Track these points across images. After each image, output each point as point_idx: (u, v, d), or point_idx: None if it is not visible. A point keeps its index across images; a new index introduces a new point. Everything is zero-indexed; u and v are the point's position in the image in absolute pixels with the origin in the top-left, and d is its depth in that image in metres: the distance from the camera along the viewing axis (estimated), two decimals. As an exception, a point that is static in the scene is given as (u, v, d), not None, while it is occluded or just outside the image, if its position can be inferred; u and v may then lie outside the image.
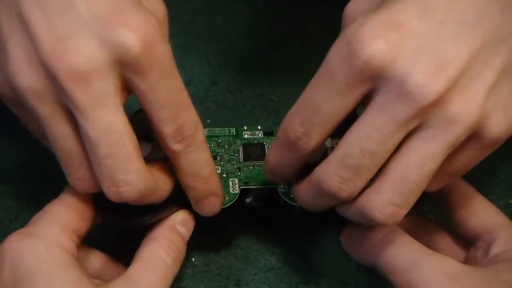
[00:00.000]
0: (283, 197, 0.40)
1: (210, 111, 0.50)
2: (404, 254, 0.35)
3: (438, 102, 0.31)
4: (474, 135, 0.32)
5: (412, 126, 0.32)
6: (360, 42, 0.31)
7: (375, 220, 0.33)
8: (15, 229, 0.35)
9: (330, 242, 0.44)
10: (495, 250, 0.36)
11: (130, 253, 0.37)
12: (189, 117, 0.35)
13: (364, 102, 0.33)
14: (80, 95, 0.32)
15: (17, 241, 0.34)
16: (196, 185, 0.37)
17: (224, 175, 0.41)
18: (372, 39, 0.31)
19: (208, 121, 0.49)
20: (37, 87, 0.33)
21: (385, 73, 0.31)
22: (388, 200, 0.33)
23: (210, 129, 0.44)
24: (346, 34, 0.32)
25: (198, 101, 0.50)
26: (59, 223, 0.36)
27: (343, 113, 0.33)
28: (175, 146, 0.35)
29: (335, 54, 0.33)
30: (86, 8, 0.32)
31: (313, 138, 0.34)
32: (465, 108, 0.31)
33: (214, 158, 0.42)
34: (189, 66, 0.53)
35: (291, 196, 0.40)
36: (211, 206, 0.38)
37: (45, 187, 0.45)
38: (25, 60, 0.33)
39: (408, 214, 0.39)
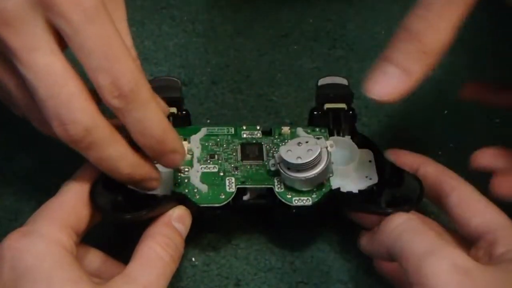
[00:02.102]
0: (279, 197, 0.40)
1: (210, 111, 0.50)
2: (420, 241, 0.35)
3: None
4: None
5: None
6: None
7: None
8: (14, 229, 0.35)
9: (330, 242, 0.44)
10: (500, 250, 0.36)
11: (129, 251, 0.37)
12: (125, 69, 0.34)
13: None
14: (12, 39, 0.33)
15: (16, 240, 0.35)
16: (149, 145, 0.36)
17: (221, 174, 0.41)
18: None
19: (208, 121, 0.49)
20: None
21: None
22: None
23: (209, 128, 0.44)
24: None
25: (198, 101, 0.50)
26: (58, 221, 0.36)
27: None
28: (113, 102, 0.34)
29: None
30: None
31: None
32: None
33: (212, 156, 0.42)
34: (189, 66, 0.52)
35: (288, 195, 0.40)
36: (171, 162, 0.37)
37: (45, 187, 0.45)
38: None
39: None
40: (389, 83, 0.34)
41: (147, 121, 0.35)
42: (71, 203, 0.37)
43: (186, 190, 0.40)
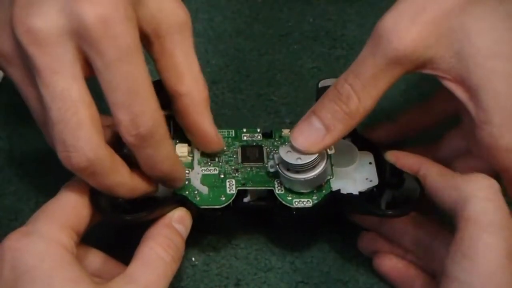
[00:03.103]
0: (279, 199, 0.40)
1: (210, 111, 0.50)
2: (495, 214, 0.35)
3: None
4: None
5: None
6: None
7: None
8: (15, 229, 0.35)
9: (330, 242, 0.44)
10: None
11: (129, 251, 0.37)
12: (145, 109, 0.34)
13: None
14: (38, 58, 0.33)
15: (16, 240, 0.35)
16: (156, 177, 0.38)
17: (222, 176, 0.41)
18: None
19: (208, 121, 0.49)
20: (8, 51, 0.35)
21: None
22: None
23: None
24: None
25: (198, 101, 0.50)
26: (58, 221, 0.36)
27: None
28: (130, 139, 0.35)
29: None
30: None
31: None
32: None
33: (212, 159, 0.42)
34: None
35: (288, 197, 0.40)
36: (171, 187, 0.39)
37: (45, 187, 0.45)
38: (1, 25, 0.35)
39: (409, 215, 0.39)
40: (311, 137, 0.38)
41: (157, 157, 0.36)
42: (71, 203, 0.37)
43: (187, 192, 0.40)
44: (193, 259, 0.43)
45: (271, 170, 0.41)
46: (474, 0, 0.36)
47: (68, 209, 0.37)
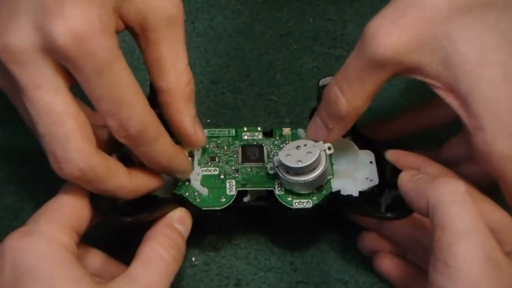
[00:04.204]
0: (279, 199, 0.40)
1: (210, 111, 0.50)
2: (465, 220, 0.34)
3: None
4: None
5: None
6: None
7: None
8: (15, 229, 0.35)
9: (330, 242, 0.44)
10: (508, 248, 0.36)
11: (129, 251, 0.37)
12: (132, 113, 0.34)
13: None
14: (19, 75, 0.33)
15: (17, 240, 0.35)
16: (158, 169, 0.38)
17: (222, 176, 0.41)
18: None
19: (208, 120, 0.49)
20: None
21: None
22: None
23: (210, 129, 0.43)
24: None
25: (198, 101, 0.50)
26: (59, 221, 0.36)
27: None
28: (122, 140, 0.35)
29: None
30: None
31: None
32: None
33: (213, 159, 0.42)
34: (189, 66, 0.52)
35: (288, 198, 0.40)
36: (180, 176, 0.40)
37: (45, 187, 0.45)
38: None
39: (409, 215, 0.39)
40: (318, 134, 0.41)
41: (154, 154, 0.37)
42: (71, 203, 0.37)
43: (187, 193, 0.40)
44: (193, 259, 0.43)
45: (271, 172, 0.41)
46: (460, 8, 0.36)
47: (69, 209, 0.37)
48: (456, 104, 0.37)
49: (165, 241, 0.37)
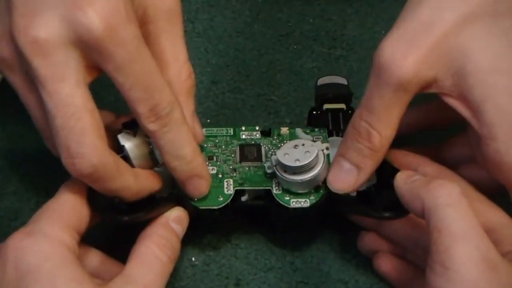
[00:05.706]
0: (277, 199, 0.40)
1: (210, 111, 0.50)
2: (462, 222, 0.34)
3: None
4: None
5: None
6: None
7: None
8: (15, 229, 0.36)
9: (330, 242, 0.44)
10: (505, 248, 0.36)
11: (127, 251, 0.37)
12: (163, 97, 0.35)
13: None
14: (41, 67, 0.33)
15: (20, 240, 0.35)
16: (178, 166, 0.38)
17: (220, 176, 0.41)
18: None
19: (208, 120, 0.49)
20: (8, 58, 0.35)
21: None
22: None
23: (208, 129, 0.43)
24: None
25: (198, 101, 0.50)
26: (60, 221, 0.36)
27: None
28: (150, 126, 0.36)
29: None
30: None
31: None
32: None
33: (211, 158, 0.42)
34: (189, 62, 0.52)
35: (286, 197, 0.40)
36: (197, 187, 0.39)
37: (45, 187, 0.45)
38: (0, 33, 0.35)
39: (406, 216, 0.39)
40: (346, 179, 0.39)
41: (179, 141, 0.37)
42: (71, 203, 0.37)
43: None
44: (193, 259, 0.43)
45: (268, 171, 0.41)
46: (470, 20, 0.36)
47: (69, 209, 0.37)
48: (468, 114, 0.37)
49: (160, 241, 0.37)
